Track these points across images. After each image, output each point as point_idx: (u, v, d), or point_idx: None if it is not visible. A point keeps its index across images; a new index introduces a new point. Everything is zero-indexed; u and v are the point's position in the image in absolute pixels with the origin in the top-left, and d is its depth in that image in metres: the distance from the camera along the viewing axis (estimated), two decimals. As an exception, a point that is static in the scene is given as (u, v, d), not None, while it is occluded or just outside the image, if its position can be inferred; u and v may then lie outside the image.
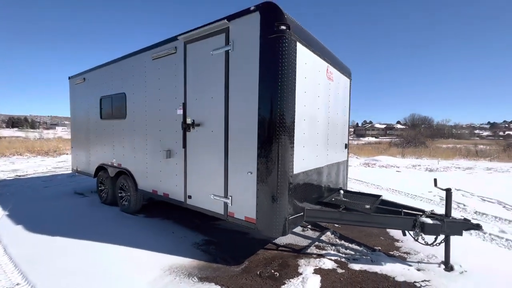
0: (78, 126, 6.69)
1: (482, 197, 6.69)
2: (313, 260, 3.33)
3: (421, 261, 3.32)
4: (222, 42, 3.34)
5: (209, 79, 3.51)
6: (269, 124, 2.94)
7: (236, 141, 3.25)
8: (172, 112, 4.06)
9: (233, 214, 3.33)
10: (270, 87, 2.91)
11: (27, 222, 4.50)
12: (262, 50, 2.95)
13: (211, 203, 3.57)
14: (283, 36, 2.85)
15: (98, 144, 5.92)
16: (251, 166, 3.11)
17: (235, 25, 3.20)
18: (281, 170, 2.95)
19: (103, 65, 5.66)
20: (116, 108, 5.33)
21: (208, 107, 3.54)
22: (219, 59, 3.38)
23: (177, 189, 4.04)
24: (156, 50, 4.28)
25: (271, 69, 2.90)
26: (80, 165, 6.66)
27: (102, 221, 4.62)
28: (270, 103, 2.92)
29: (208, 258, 3.36)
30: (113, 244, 3.65)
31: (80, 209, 5.31)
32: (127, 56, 4.93)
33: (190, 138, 3.81)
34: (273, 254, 3.50)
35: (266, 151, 2.96)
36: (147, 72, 4.49)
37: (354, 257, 3.42)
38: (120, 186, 5.29)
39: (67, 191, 6.96)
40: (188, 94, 3.81)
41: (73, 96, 6.83)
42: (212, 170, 3.53)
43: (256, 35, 2.99)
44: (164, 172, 4.27)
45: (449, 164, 13.37)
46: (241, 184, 3.22)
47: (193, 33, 3.62)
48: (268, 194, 2.98)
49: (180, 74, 3.90)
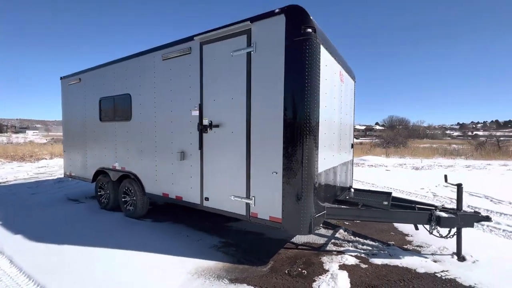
0: (72, 128, 6.38)
1: (469, 192, 7.14)
2: (334, 257, 3.41)
3: (435, 253, 3.51)
4: (243, 43, 3.35)
5: (229, 80, 3.51)
6: (295, 124, 2.99)
7: (259, 141, 3.27)
8: (186, 113, 4.00)
9: (256, 214, 3.34)
10: (297, 88, 2.97)
11: (27, 231, 4.22)
12: (288, 52, 3.00)
13: (231, 204, 3.56)
14: (309, 38, 2.93)
15: (96, 148, 5.68)
16: (276, 166, 3.14)
17: (257, 26, 3.24)
18: (307, 170, 3.01)
19: (103, 65, 5.46)
20: (119, 110, 5.15)
21: (228, 108, 3.53)
22: (240, 60, 3.39)
23: (192, 192, 3.98)
24: (167, 51, 4.20)
25: (298, 70, 2.96)
26: (75, 170, 6.34)
27: (108, 227, 4.43)
28: (297, 104, 2.98)
29: (232, 259, 3.34)
30: (130, 251, 3.52)
31: (80, 216, 5.05)
32: (133, 56, 4.80)
33: (207, 140, 3.78)
34: (294, 253, 3.54)
35: (292, 151, 3.01)
36: (157, 73, 4.40)
37: (373, 252, 3.55)
38: (124, 191, 5.11)
39: (58, 197, 6.59)
40: (204, 95, 3.78)
41: (66, 97, 6.51)
42: (233, 171, 3.52)
43: (281, 37, 3.04)
44: (176, 174, 4.19)
45: (431, 163, 14.14)
46: (265, 184, 3.24)
47: (211, 34, 3.61)
48: (294, 193, 3.03)
49: (195, 75, 3.86)
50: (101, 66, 5.50)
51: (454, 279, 2.88)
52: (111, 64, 5.24)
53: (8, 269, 3.12)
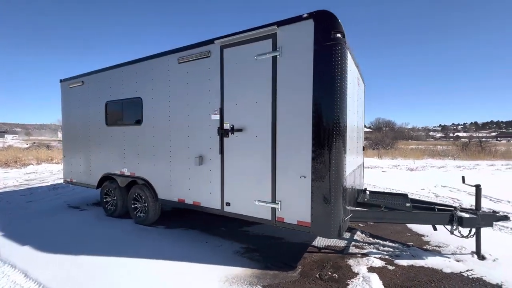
0: (73, 133, 6.13)
1: (468, 192, 7.42)
2: (360, 259, 3.44)
3: (455, 253, 3.60)
4: (268, 47, 3.35)
5: (253, 84, 3.48)
6: (325, 128, 3.00)
7: (286, 145, 3.26)
8: (205, 117, 3.94)
9: (283, 219, 3.32)
10: (327, 92, 2.99)
11: (34, 241, 4.00)
12: (317, 56, 3.02)
13: (255, 209, 3.52)
14: (339, 43, 2.96)
15: (102, 153, 5.49)
16: (304, 170, 3.14)
17: (284, 31, 3.24)
18: (337, 173, 3.02)
19: (109, 69, 5.30)
20: (129, 114, 5.01)
21: (252, 112, 3.51)
22: (265, 64, 3.38)
23: (212, 197, 3.91)
24: (184, 54, 4.13)
25: (328, 74, 2.98)
26: (76, 176, 6.09)
27: (121, 235, 4.28)
28: (327, 107, 2.99)
29: (259, 265, 3.29)
30: (151, 259, 3.41)
31: (88, 224, 4.85)
32: (144, 59, 4.69)
33: (228, 144, 3.73)
34: (319, 257, 3.54)
35: (322, 154, 3.02)
36: (172, 76, 4.31)
37: (395, 253, 3.60)
38: (133, 197, 4.95)
39: (58, 205, 6.31)
40: (225, 99, 3.73)
41: (66, 100, 6.27)
42: (257, 175, 3.48)
43: (309, 41, 3.06)
44: (194, 179, 4.11)
45: (423, 164, 14.58)
46: (292, 188, 3.23)
47: (233, 38, 3.58)
48: (324, 197, 3.03)
49: (215, 78, 3.81)
50: (107, 69, 5.34)
51: (481, 278, 2.97)
52: (119, 67, 5.09)
53: (24, 283, 2.94)
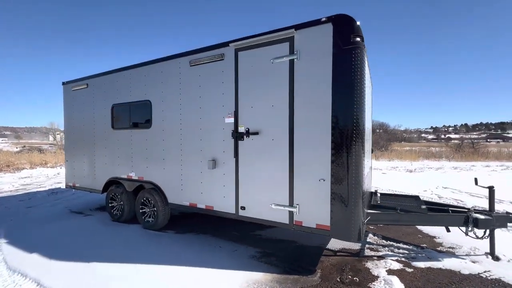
0: (77, 136, 6.01)
1: (469, 193, 7.54)
2: (377, 262, 3.44)
3: (469, 254, 3.64)
4: (285, 50, 3.35)
5: (269, 87, 3.47)
6: (344, 131, 3.01)
7: (304, 148, 3.26)
8: (218, 120, 3.90)
9: (301, 222, 3.30)
10: (346, 95, 3.00)
11: (42, 248, 3.88)
12: (336, 60, 3.03)
13: (271, 213, 3.49)
14: (358, 47, 2.97)
15: (108, 156, 5.39)
16: (323, 173, 3.14)
17: (301, 34, 3.25)
18: (356, 176, 3.02)
19: (115, 71, 5.23)
20: (137, 117, 4.94)
21: (268, 115, 3.49)
22: (281, 67, 3.38)
23: (226, 201, 3.87)
24: (196, 57, 4.10)
25: (347, 78, 2.99)
26: (80, 180, 5.96)
27: (131, 241, 4.19)
28: (346, 110, 3.00)
29: (278, 270, 3.26)
30: (168, 266, 3.34)
31: (95, 230, 4.73)
32: (153, 62, 4.64)
33: (243, 147, 3.70)
34: (336, 260, 3.53)
35: (341, 157, 3.02)
36: (183, 79, 4.27)
37: (411, 255, 3.61)
38: (142, 202, 4.87)
39: (60, 210, 6.16)
40: (240, 102, 3.71)
41: (69, 103, 6.14)
42: (273, 179, 3.46)
43: (328, 45, 3.07)
44: (206, 183, 4.06)
45: (421, 165, 14.78)
46: (310, 192, 3.22)
47: (248, 41, 3.57)
48: (344, 200, 3.03)
49: (229, 81, 3.79)
50: (113, 71, 5.26)
51: (500, 279, 3.00)
52: (126, 70, 5.03)
53: (38, 292, 2.85)
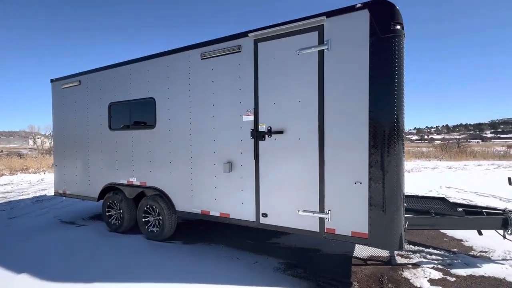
0: (68, 139, 5.45)
1: (475, 192, 7.50)
2: (414, 271, 3.17)
3: (506, 259, 3.44)
4: (314, 40, 3.04)
5: (295, 81, 3.15)
6: (384, 128, 2.73)
7: (336, 148, 2.95)
8: (235, 118, 3.54)
9: (334, 230, 2.98)
10: (386, 89, 2.72)
11: (32, 267, 3.36)
12: (374, 50, 2.75)
13: (298, 220, 3.16)
14: (398, 35, 2.71)
15: (104, 160, 4.89)
16: (359, 175, 2.84)
17: (332, 22, 2.95)
18: (397, 178, 2.74)
19: (113, 66, 4.76)
20: (138, 116, 4.50)
21: (294, 112, 3.17)
22: (309, 59, 3.07)
23: (244, 208, 3.50)
24: (208, 49, 3.73)
25: (388, 70, 2.71)
26: (71, 187, 5.40)
27: (137, 254, 3.73)
28: (386, 106, 2.73)
29: (310, 284, 2.92)
30: (181, 284, 2.93)
31: (92, 243, 4.22)
32: (158, 55, 4.21)
33: (264, 148, 3.36)
34: (370, 270, 3.23)
35: (380, 158, 2.74)
36: (193, 73, 3.88)
37: (446, 262, 3.37)
38: (145, 209, 4.40)
39: (48, 221, 5.55)
40: (261, 98, 3.37)
41: (59, 102, 5.58)
42: (301, 182, 3.14)
43: (364, 34, 2.79)
44: (221, 188, 3.68)
45: (415, 165, 14.90)
46: (345, 196, 2.92)
47: (271, 31, 3.24)
48: (384, 204, 2.74)
49: (247, 75, 3.44)
50: (110, 67, 4.79)
51: (550, 286, 2.80)
52: (126, 65, 4.57)
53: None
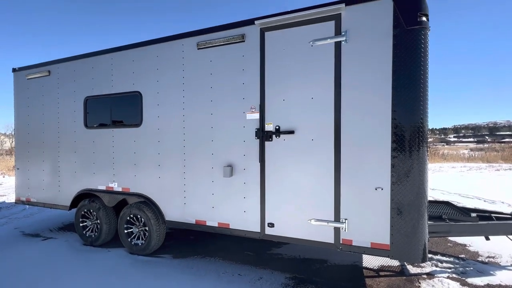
0: (33, 137, 4.70)
1: (459, 194, 7.67)
2: (429, 281, 2.98)
3: (514, 264, 3.36)
4: (329, 31, 2.74)
5: (307, 76, 2.84)
6: (408, 130, 2.49)
7: (354, 151, 2.67)
8: (237, 116, 3.15)
9: (350, 241, 2.69)
10: (411, 86, 2.48)
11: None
12: (398, 43, 2.50)
13: (310, 231, 2.83)
14: (425, 28, 2.48)
15: (78, 163, 4.24)
16: (380, 180, 2.58)
17: (351, 11, 2.67)
18: (422, 184, 2.51)
19: (90, 55, 4.16)
20: (121, 113, 3.94)
21: (306, 110, 2.85)
22: (324, 52, 2.76)
23: (247, 217, 3.11)
24: (207, 38, 3.30)
25: (411, 65, 2.48)
26: (37, 194, 4.65)
27: (119, 274, 3.18)
28: (410, 105, 2.49)
29: (326, 303, 2.60)
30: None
31: (62, 260, 3.58)
32: (146, 44, 3.70)
33: (271, 149, 3.00)
34: (385, 282, 2.98)
35: (404, 162, 2.49)
36: (188, 65, 3.43)
37: (459, 270, 3.22)
38: (127, 220, 3.85)
39: (7, 233, 4.75)
40: (267, 94, 3.01)
41: (23, 95, 4.81)
42: (313, 188, 2.82)
43: (387, 25, 2.54)
44: (220, 195, 3.26)
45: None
46: (363, 203, 2.64)
47: (280, 19, 2.90)
48: (408, 212, 2.50)
49: (251, 68, 3.07)
50: (87, 55, 4.18)
51: None
52: (107, 54, 4.00)
53: None
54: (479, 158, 19.29)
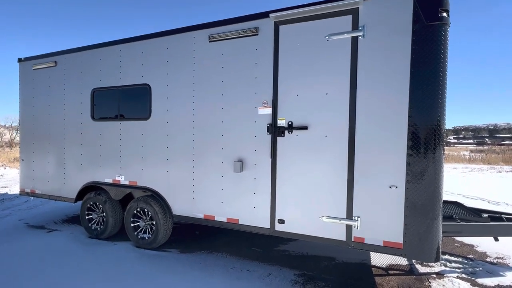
0: (39, 129, 4.65)
1: (462, 195, 7.65)
2: (439, 281, 2.96)
3: (524, 265, 3.35)
4: (346, 25, 2.69)
5: (322, 71, 2.79)
6: (425, 128, 2.45)
7: (369, 148, 2.63)
8: (249, 111, 3.11)
9: (363, 239, 2.67)
10: (428, 84, 2.44)
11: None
12: (417, 40, 2.46)
13: (321, 228, 2.81)
14: (445, 24, 2.44)
15: (84, 155, 4.20)
16: (395, 178, 2.54)
17: (369, 6, 2.62)
18: (437, 183, 2.47)
19: (98, 46, 4.10)
20: (129, 105, 3.90)
21: (320, 106, 2.81)
22: (341, 47, 2.72)
23: (257, 213, 3.08)
24: (219, 30, 3.25)
25: (430, 62, 2.43)
26: (42, 186, 4.62)
27: (127, 267, 3.16)
28: (428, 103, 2.44)
29: (337, 300, 2.59)
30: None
31: (69, 252, 3.56)
32: (155, 35, 3.65)
33: (283, 145, 2.96)
34: (395, 281, 2.97)
35: (420, 160, 2.46)
36: (199, 58, 3.38)
37: (468, 270, 3.21)
38: (134, 213, 3.82)
39: (11, 225, 4.73)
40: (281, 89, 2.96)
41: (28, 86, 4.75)
42: (325, 185, 2.79)
43: (406, 20, 2.49)
44: (229, 190, 3.23)
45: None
46: (377, 201, 2.61)
47: (295, 12, 2.85)
48: (423, 211, 2.47)
49: (265, 62, 3.02)
50: (95, 46, 4.12)
51: None
52: (115, 45, 3.94)
53: None
54: (479, 160, 19.29)
